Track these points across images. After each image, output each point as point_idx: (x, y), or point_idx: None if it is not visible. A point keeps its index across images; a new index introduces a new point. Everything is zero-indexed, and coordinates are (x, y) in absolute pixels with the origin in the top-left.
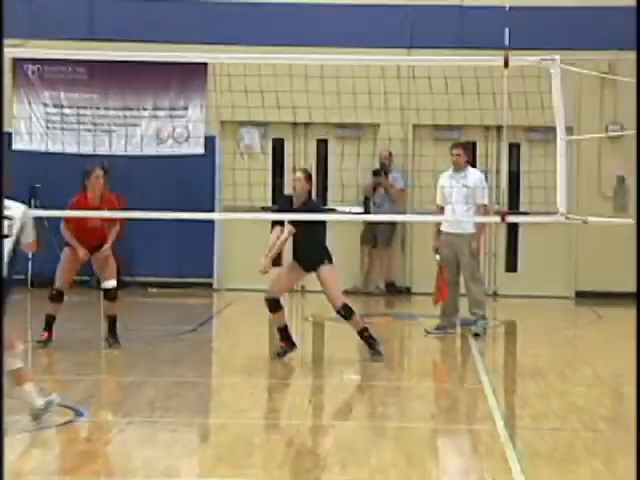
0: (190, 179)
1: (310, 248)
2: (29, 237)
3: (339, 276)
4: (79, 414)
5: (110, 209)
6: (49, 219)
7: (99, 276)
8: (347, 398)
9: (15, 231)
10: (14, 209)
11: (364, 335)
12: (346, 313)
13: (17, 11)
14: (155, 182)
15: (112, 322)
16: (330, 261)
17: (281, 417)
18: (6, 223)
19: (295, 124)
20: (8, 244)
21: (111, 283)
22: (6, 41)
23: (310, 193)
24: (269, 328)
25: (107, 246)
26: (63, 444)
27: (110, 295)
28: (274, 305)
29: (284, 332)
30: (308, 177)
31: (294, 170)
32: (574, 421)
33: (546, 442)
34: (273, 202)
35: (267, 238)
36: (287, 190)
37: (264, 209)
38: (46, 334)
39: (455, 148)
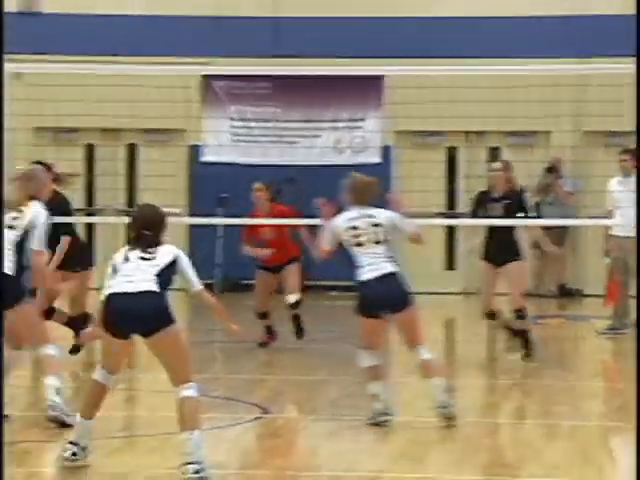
0: None
1: (506, 243)
2: (34, 244)
3: (528, 275)
4: (265, 411)
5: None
6: (235, 226)
7: (284, 286)
8: (520, 397)
9: (23, 226)
10: (30, 208)
11: (524, 336)
12: (522, 315)
13: (205, 32)
14: (334, 190)
15: (297, 320)
16: (523, 258)
17: (457, 415)
18: (12, 215)
19: (468, 133)
20: (11, 236)
21: (294, 297)
22: (195, 59)
23: (511, 182)
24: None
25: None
26: (251, 440)
27: (293, 307)
28: (492, 316)
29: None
30: (506, 167)
31: (467, 177)
32: None
33: None
34: (448, 208)
35: (441, 243)
36: (461, 196)
37: (439, 215)
38: (267, 337)
39: (623, 154)
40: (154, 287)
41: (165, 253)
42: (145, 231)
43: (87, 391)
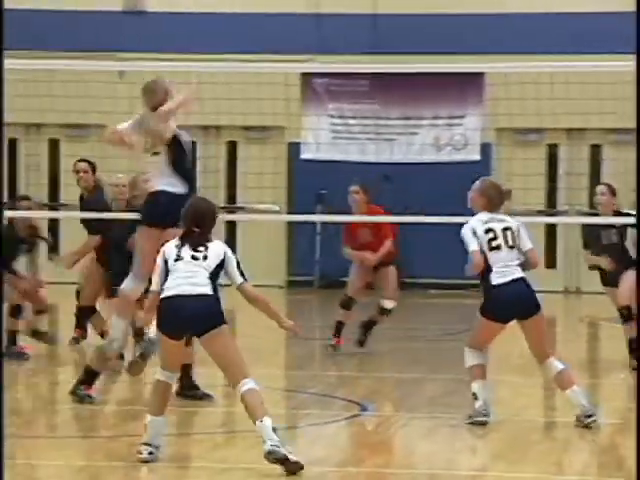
0: (466, 184)
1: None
2: None
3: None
4: (364, 408)
5: (378, 223)
6: (334, 224)
7: (380, 291)
8: (624, 397)
9: None
10: None
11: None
12: (627, 315)
13: (306, 29)
14: (433, 187)
15: (371, 326)
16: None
17: (557, 415)
18: None
19: (570, 130)
20: None
21: (391, 304)
22: (295, 57)
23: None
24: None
25: (372, 256)
26: (349, 437)
27: (385, 313)
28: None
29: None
30: (612, 192)
31: (567, 174)
32: None
33: None
34: (549, 206)
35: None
36: (560, 195)
37: (540, 212)
38: (336, 340)
39: None
40: (208, 290)
41: (215, 252)
42: (195, 228)
43: (153, 390)
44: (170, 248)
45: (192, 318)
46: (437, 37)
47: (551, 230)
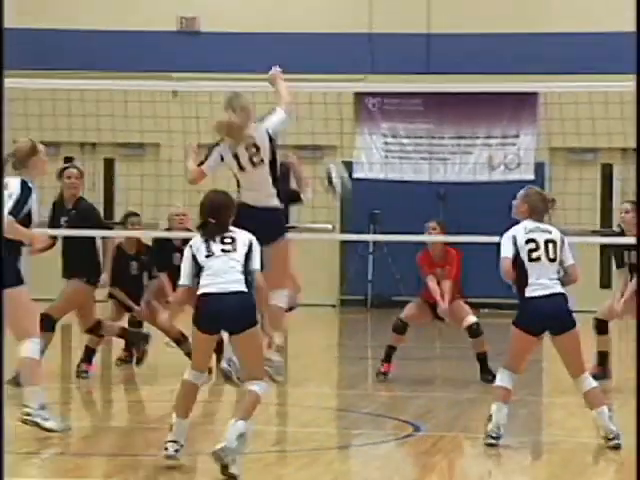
0: None
1: None
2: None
3: None
4: (417, 429)
5: (449, 265)
6: (388, 244)
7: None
8: None
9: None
10: (11, 181)
11: None
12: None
13: (358, 50)
14: (486, 207)
15: (482, 359)
16: None
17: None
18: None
19: (624, 149)
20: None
21: (470, 319)
22: (348, 76)
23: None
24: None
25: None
26: (401, 457)
27: (472, 332)
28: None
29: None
30: (635, 207)
31: (622, 193)
32: None
33: None
34: (603, 226)
35: (596, 261)
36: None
37: (594, 232)
38: (385, 366)
39: None
40: (243, 287)
41: (242, 241)
42: (210, 219)
43: (180, 391)
44: (198, 243)
45: (230, 316)
46: (490, 57)
47: (605, 250)
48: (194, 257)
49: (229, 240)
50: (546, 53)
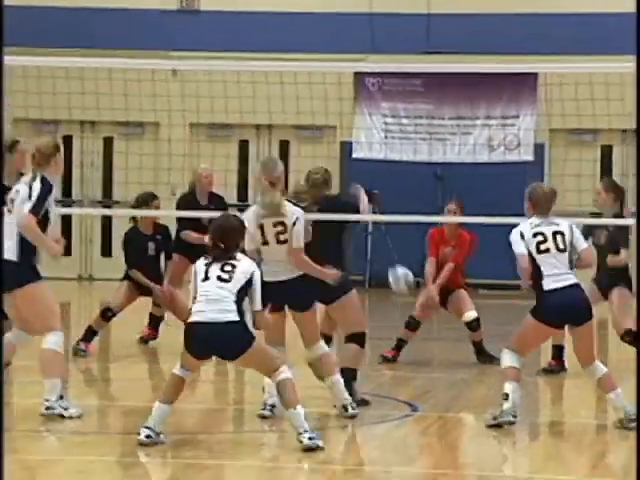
0: (519, 185)
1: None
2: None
3: None
4: (414, 409)
5: (460, 246)
6: (386, 224)
7: (454, 311)
8: None
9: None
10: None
11: None
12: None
13: (359, 29)
14: (485, 188)
15: (478, 346)
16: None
17: (609, 417)
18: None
19: (624, 131)
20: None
21: (470, 315)
22: (348, 56)
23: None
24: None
25: (434, 290)
26: (399, 437)
27: (471, 327)
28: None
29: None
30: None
31: (621, 175)
32: None
33: None
34: None
35: None
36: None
37: (592, 215)
38: (392, 354)
39: None
40: (235, 316)
41: (243, 272)
42: (219, 243)
43: (168, 381)
44: (200, 265)
45: (221, 347)
46: (491, 37)
47: None
48: (195, 280)
49: (229, 268)
50: (546, 33)
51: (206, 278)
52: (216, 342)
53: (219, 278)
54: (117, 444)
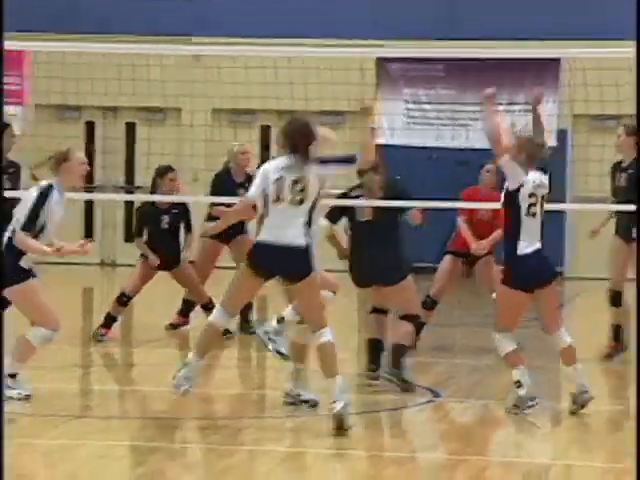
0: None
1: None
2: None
3: None
4: (437, 395)
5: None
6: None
7: (481, 280)
8: None
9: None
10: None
11: None
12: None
13: (381, 14)
14: None
15: None
16: None
17: (631, 404)
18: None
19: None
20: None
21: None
22: (370, 42)
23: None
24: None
25: (480, 246)
26: (421, 423)
27: None
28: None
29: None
30: (632, 131)
31: None
32: None
33: None
34: None
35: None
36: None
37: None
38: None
39: None
40: (302, 241)
41: (313, 189)
42: (292, 149)
43: (203, 333)
44: (272, 172)
45: (284, 270)
46: (513, 22)
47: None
48: (266, 178)
49: (300, 186)
50: (570, 19)
51: (278, 200)
52: (280, 266)
53: (291, 201)
54: (138, 429)
